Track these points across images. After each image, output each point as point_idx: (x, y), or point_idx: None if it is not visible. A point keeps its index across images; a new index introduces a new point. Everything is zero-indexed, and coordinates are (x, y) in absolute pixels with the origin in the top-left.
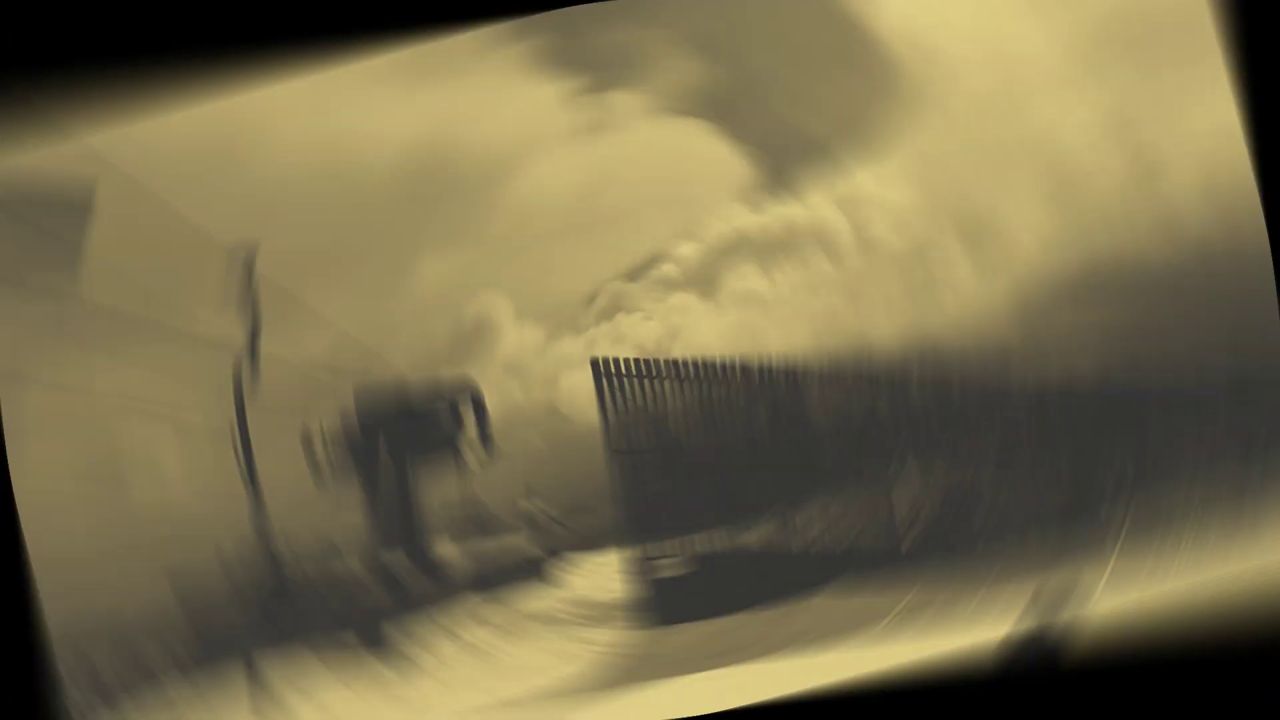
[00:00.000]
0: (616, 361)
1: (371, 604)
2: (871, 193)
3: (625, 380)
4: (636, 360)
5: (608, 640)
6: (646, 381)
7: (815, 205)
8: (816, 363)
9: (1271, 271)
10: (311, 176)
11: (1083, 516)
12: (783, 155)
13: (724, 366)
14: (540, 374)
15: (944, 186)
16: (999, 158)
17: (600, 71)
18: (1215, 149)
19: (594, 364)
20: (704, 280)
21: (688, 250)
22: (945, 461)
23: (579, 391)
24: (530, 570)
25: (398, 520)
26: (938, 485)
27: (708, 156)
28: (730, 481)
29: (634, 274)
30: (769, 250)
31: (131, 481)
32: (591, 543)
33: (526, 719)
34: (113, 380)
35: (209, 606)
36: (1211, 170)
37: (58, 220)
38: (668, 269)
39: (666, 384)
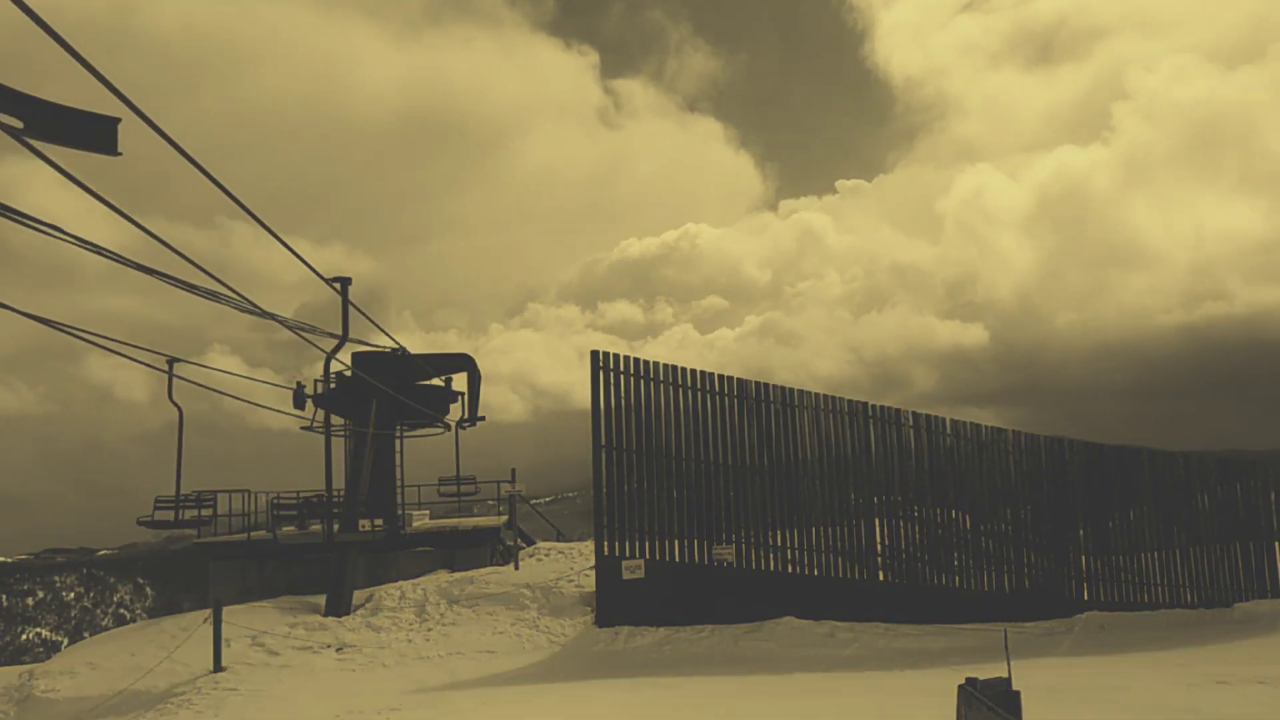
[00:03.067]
0: (616, 358)
1: (343, 570)
2: (834, 242)
3: (623, 378)
4: (637, 360)
5: (568, 633)
6: (643, 382)
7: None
8: (813, 391)
9: None
10: (298, 109)
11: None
12: (779, 166)
13: (722, 380)
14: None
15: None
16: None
17: (618, 52)
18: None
19: (593, 356)
20: (593, 297)
21: (609, 261)
22: (932, 498)
23: (546, 379)
24: (503, 554)
25: (380, 487)
26: (922, 520)
27: (710, 164)
28: (711, 493)
29: (561, 275)
30: (680, 268)
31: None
32: (565, 534)
33: (480, 702)
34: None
35: (180, 553)
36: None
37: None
38: (568, 277)
39: (663, 388)
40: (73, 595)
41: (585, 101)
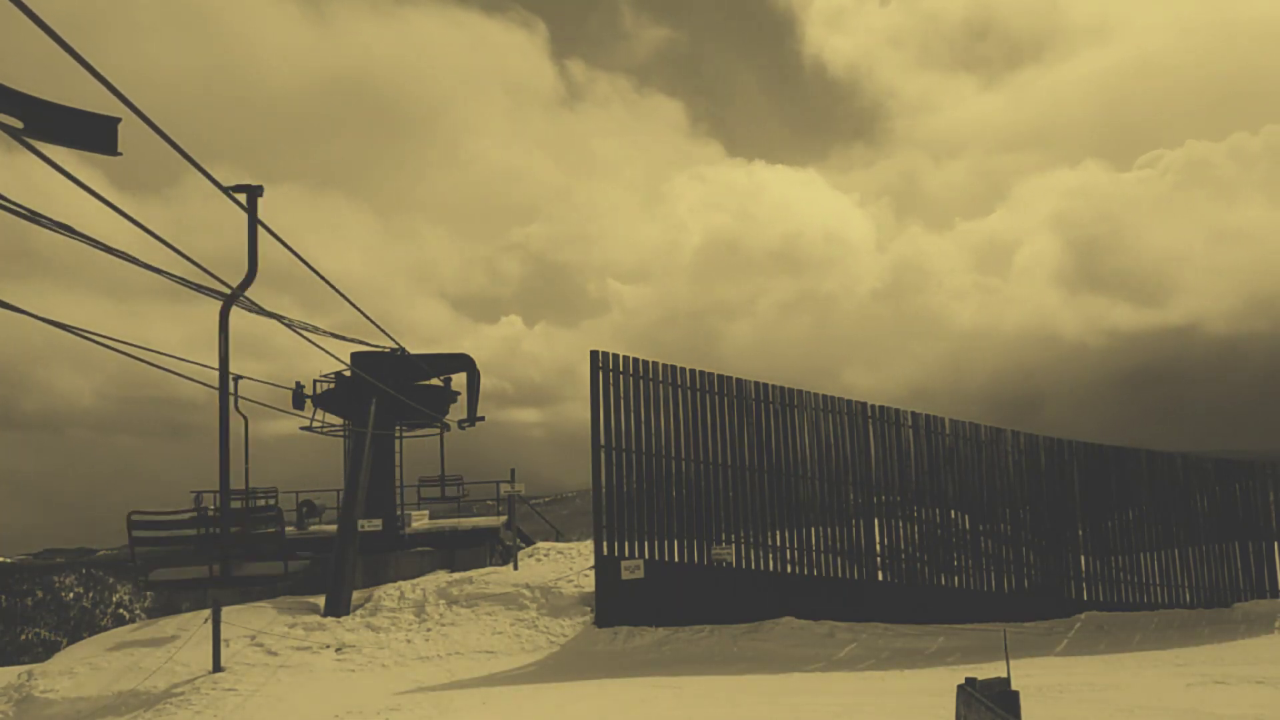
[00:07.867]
0: (616, 358)
1: (342, 570)
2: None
3: (622, 378)
4: (636, 360)
5: (568, 633)
6: (642, 382)
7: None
8: (813, 391)
9: None
10: (199, 82)
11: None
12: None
13: (721, 380)
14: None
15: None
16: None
17: (564, 24)
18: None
19: (593, 356)
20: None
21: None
22: (931, 498)
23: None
24: (502, 554)
25: (379, 488)
26: (921, 521)
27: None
28: (711, 493)
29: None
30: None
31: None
32: (565, 534)
33: (479, 702)
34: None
35: (179, 555)
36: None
37: None
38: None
39: (662, 389)
40: (72, 596)
41: (518, 77)
